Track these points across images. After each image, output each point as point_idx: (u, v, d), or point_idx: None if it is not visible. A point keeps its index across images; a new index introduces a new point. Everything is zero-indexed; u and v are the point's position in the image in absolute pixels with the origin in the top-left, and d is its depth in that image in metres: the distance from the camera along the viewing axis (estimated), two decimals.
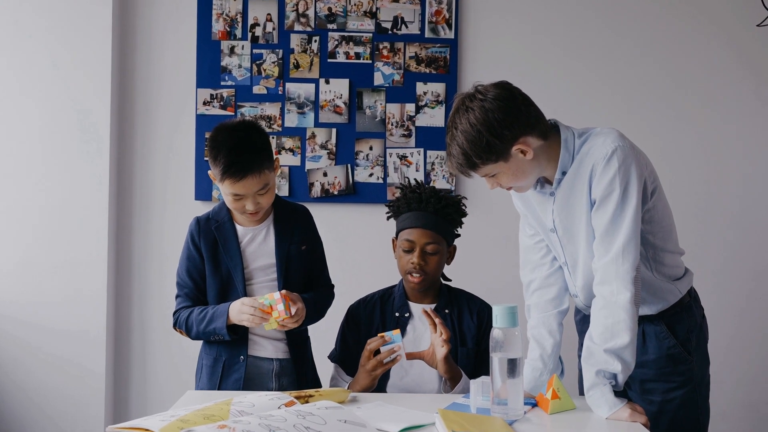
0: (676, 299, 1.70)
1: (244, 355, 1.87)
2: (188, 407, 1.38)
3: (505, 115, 1.51)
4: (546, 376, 1.71)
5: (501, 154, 1.54)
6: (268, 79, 2.86)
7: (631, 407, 1.51)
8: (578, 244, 1.65)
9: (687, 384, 1.67)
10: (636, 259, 1.54)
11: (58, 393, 2.74)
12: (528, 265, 1.79)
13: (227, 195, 1.80)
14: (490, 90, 1.55)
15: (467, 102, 1.54)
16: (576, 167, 1.60)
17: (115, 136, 2.82)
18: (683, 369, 1.67)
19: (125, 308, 2.87)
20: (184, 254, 1.93)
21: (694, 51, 2.91)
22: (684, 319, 1.70)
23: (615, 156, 1.54)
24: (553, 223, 1.66)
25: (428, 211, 1.93)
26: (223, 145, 1.76)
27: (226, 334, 1.80)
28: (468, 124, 1.52)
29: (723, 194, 2.92)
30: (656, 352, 1.67)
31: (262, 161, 1.77)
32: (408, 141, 2.87)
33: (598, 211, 1.56)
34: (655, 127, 2.88)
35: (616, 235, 1.54)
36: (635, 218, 1.54)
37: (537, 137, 1.56)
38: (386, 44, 2.87)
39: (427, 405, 1.58)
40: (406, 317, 1.98)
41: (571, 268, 1.70)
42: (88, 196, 2.76)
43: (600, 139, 1.59)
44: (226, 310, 1.81)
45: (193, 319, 1.86)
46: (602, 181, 1.55)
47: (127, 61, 2.86)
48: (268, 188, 1.81)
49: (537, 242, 1.77)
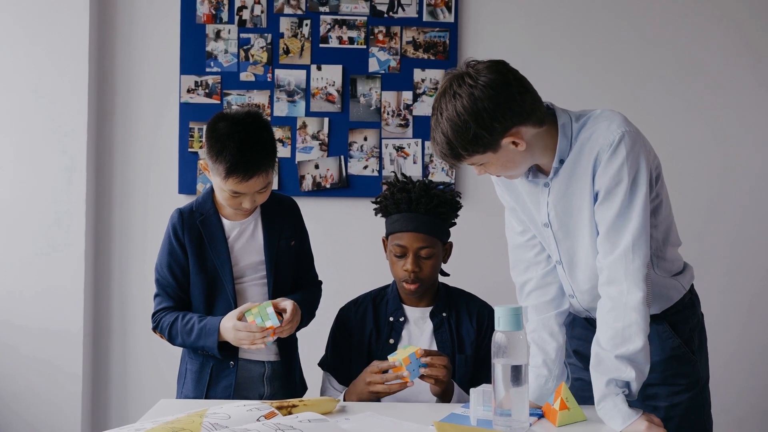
0: (680, 296, 1.62)
1: (234, 360, 1.81)
2: (157, 419, 1.32)
3: (497, 106, 1.40)
4: (552, 384, 1.62)
5: (489, 147, 1.45)
6: (256, 66, 2.82)
7: (647, 419, 1.42)
8: (577, 241, 1.56)
9: (692, 387, 1.61)
10: (647, 256, 1.46)
11: (32, 396, 2.70)
12: (520, 265, 1.69)
13: (224, 192, 1.75)
14: (483, 73, 1.43)
15: (455, 86, 1.43)
16: (575, 155, 1.50)
17: (93, 126, 2.78)
18: (688, 370, 1.61)
19: (104, 307, 2.84)
20: (164, 249, 1.86)
21: (706, 39, 2.89)
22: (686, 317, 1.63)
23: (623, 143, 1.45)
24: (547, 216, 1.56)
25: (419, 212, 1.85)
26: (230, 141, 1.70)
27: (218, 354, 1.76)
28: (455, 112, 1.41)
29: (733, 190, 2.89)
30: (660, 354, 1.59)
31: (269, 160, 1.75)
32: (405, 131, 2.83)
33: (604, 204, 1.47)
34: (660, 117, 2.86)
35: (624, 229, 1.45)
36: (645, 210, 1.45)
37: (532, 126, 1.46)
38: (382, 28, 2.83)
39: (422, 416, 1.52)
40: (400, 321, 1.92)
41: (566, 267, 1.61)
42: (64, 189, 2.72)
43: (604, 123, 1.49)
44: (217, 328, 1.74)
45: (178, 329, 1.80)
46: (608, 171, 1.45)
47: (106, 45, 2.82)
48: (269, 186, 1.78)
49: (529, 239, 1.67)
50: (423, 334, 1.88)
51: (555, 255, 1.62)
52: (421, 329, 1.89)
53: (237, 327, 1.71)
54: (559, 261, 1.62)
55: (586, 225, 1.52)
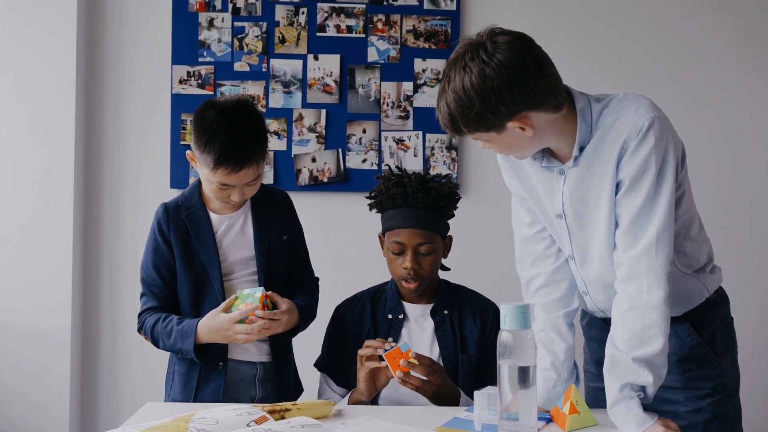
0: (702, 299, 1.56)
1: (223, 361, 1.78)
2: (140, 424, 1.30)
3: (506, 88, 1.33)
4: (561, 387, 1.56)
5: (493, 127, 1.39)
6: (250, 55, 2.78)
7: (663, 424, 1.36)
8: (592, 234, 1.49)
9: (717, 392, 1.53)
10: (670, 252, 1.39)
11: (18, 397, 2.66)
12: (527, 258, 1.63)
13: (212, 183, 1.72)
14: (501, 49, 1.35)
15: (467, 57, 1.36)
16: (597, 141, 1.43)
17: (80, 118, 2.74)
18: (710, 373, 1.53)
19: (93, 305, 2.81)
20: (149, 246, 1.83)
21: (711, 30, 2.85)
22: (709, 317, 1.56)
23: (652, 129, 1.38)
24: (562, 207, 1.50)
25: (417, 206, 1.81)
26: (219, 130, 1.67)
27: (194, 357, 1.72)
28: (461, 85, 1.35)
29: (747, 183, 2.86)
30: (677, 353, 1.52)
31: (261, 151, 1.72)
32: (405, 123, 2.79)
33: (628, 194, 1.41)
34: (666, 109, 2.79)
35: (648, 222, 1.39)
36: (670, 203, 1.39)
37: (545, 112, 1.40)
38: (381, 16, 2.80)
39: (423, 420, 1.48)
40: (400, 319, 1.88)
41: (579, 262, 1.55)
42: (51, 183, 2.69)
43: (630, 108, 1.42)
44: (194, 330, 1.70)
45: (159, 331, 1.76)
46: (635, 159, 1.39)
47: (94, 34, 2.78)
48: (259, 178, 1.75)
49: (538, 231, 1.61)
50: (424, 332, 1.85)
51: (567, 249, 1.55)
52: (421, 327, 1.86)
53: (228, 320, 1.67)
54: (571, 256, 1.55)
55: (603, 217, 1.45)
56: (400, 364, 1.63)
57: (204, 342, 1.71)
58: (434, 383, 1.66)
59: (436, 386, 1.67)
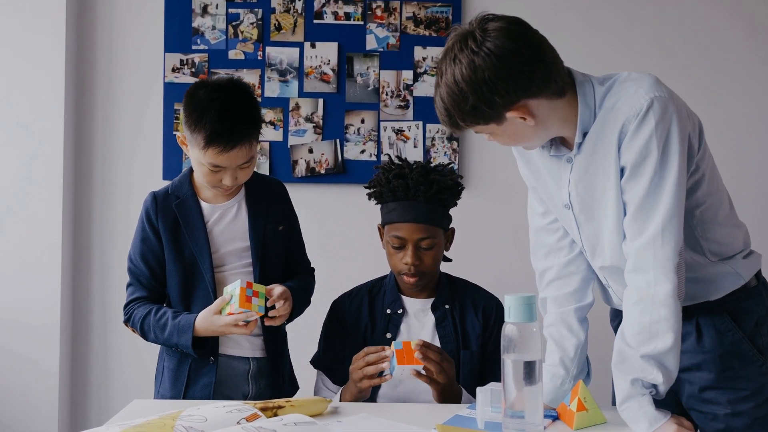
0: (736, 286, 1.46)
1: (214, 356, 1.75)
2: (125, 422, 1.27)
3: (499, 78, 1.28)
4: (569, 385, 1.51)
5: (491, 119, 1.35)
6: (245, 43, 2.77)
7: (677, 422, 1.32)
8: (601, 224, 1.44)
9: (758, 394, 1.43)
10: (679, 242, 1.33)
11: (5, 393, 2.64)
12: (541, 250, 1.58)
13: (203, 165, 1.68)
14: (490, 37, 1.29)
15: (457, 48, 1.31)
16: (599, 126, 1.37)
17: (70, 108, 2.73)
18: (753, 373, 1.43)
19: (84, 299, 2.80)
20: (137, 236, 1.80)
21: (715, 21, 2.84)
22: (752, 308, 1.46)
23: (651, 111, 1.31)
24: (568, 196, 1.45)
25: (418, 199, 1.77)
26: (210, 107, 1.64)
27: (192, 353, 1.70)
28: (453, 78, 1.31)
29: (755, 173, 2.84)
30: (716, 349, 1.44)
31: (253, 131, 1.69)
32: (405, 113, 2.77)
33: (630, 181, 1.35)
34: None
35: (653, 210, 1.33)
36: (678, 188, 1.32)
37: (546, 99, 1.34)
38: (380, 3, 2.79)
39: (423, 418, 1.47)
40: (399, 314, 1.84)
41: (589, 255, 1.50)
42: (40, 175, 2.67)
43: (630, 88, 1.36)
44: (191, 325, 1.68)
45: (150, 325, 1.73)
46: (635, 143, 1.33)
47: (85, 21, 2.77)
48: (252, 161, 1.72)
49: (551, 222, 1.56)
50: (424, 327, 1.82)
51: (577, 241, 1.50)
52: (421, 322, 1.83)
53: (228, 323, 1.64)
54: (582, 248, 1.50)
55: (611, 207, 1.39)
56: (414, 357, 1.57)
57: (201, 336, 1.68)
58: (448, 373, 1.62)
59: (450, 377, 1.63)
